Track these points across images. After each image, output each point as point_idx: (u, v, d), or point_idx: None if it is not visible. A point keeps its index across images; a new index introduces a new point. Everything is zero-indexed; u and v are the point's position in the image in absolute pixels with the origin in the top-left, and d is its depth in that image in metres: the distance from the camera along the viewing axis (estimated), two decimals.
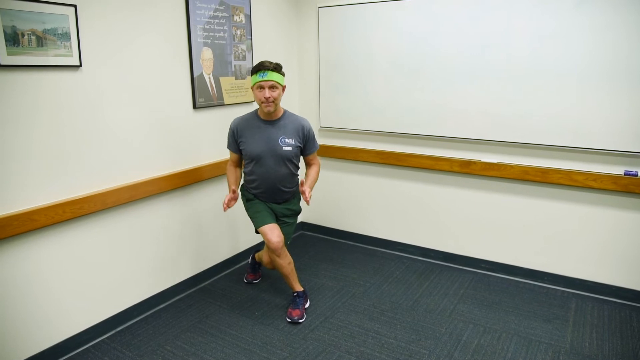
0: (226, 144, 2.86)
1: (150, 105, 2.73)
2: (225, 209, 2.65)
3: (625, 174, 2.81)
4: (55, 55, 2.21)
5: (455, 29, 3.11)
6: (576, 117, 2.84)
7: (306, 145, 2.77)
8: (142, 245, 2.80)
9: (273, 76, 2.54)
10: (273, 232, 2.68)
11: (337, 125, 3.78)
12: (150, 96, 2.72)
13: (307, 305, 2.91)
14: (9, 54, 2.04)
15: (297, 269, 3.46)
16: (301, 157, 2.83)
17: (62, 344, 2.44)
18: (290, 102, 3.88)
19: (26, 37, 2.09)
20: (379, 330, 2.67)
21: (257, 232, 2.78)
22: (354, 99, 3.64)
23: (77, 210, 2.38)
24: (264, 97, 2.56)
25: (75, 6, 2.25)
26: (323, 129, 3.88)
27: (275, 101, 2.59)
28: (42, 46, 2.15)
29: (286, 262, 2.78)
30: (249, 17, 3.32)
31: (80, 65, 2.32)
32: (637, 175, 2.78)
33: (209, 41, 3.02)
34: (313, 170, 2.84)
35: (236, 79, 3.28)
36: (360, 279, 3.31)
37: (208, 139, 3.15)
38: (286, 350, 2.50)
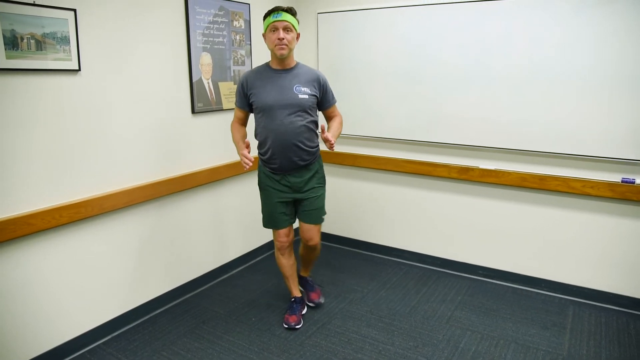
0: (234, 101, 2.69)
1: (149, 109, 2.72)
2: (246, 168, 2.42)
3: (622, 182, 2.81)
4: (54, 59, 2.21)
5: (454, 36, 3.12)
6: (574, 124, 2.85)
7: (324, 97, 2.60)
8: (139, 249, 2.79)
9: (287, 17, 2.39)
10: (281, 233, 2.71)
11: None
12: (149, 101, 2.71)
13: (304, 312, 2.90)
14: (8, 57, 2.03)
15: None
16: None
17: (57, 349, 2.42)
18: None
19: (25, 40, 2.09)
20: (376, 337, 2.66)
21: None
22: (352, 105, 3.64)
23: (74, 215, 2.37)
24: (278, 39, 2.38)
25: (74, 10, 2.25)
26: None
27: (289, 45, 2.41)
28: (41, 50, 2.15)
29: (289, 262, 2.79)
30: (248, 23, 3.33)
31: (79, 70, 2.32)
32: (634, 183, 2.78)
33: (208, 46, 3.03)
34: (335, 121, 2.66)
35: (235, 84, 3.28)
36: (358, 285, 3.30)
37: (206, 144, 3.15)
38: (283, 356, 2.49)
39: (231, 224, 3.48)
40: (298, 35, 2.49)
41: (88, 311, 2.55)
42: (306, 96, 2.49)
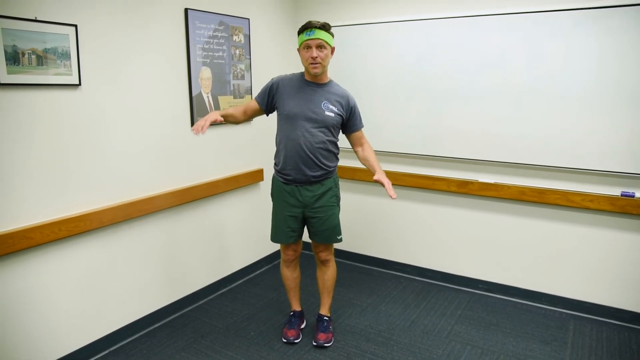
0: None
1: (149, 123, 2.74)
2: (196, 131, 2.32)
3: (622, 195, 2.81)
4: (55, 74, 2.22)
5: (453, 49, 3.15)
6: (573, 137, 2.86)
7: (351, 119, 2.54)
8: (137, 263, 2.78)
9: (321, 34, 2.35)
10: (288, 247, 2.69)
11: None
12: (148, 115, 2.73)
13: (303, 326, 2.88)
14: (9, 72, 2.05)
15: None
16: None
17: None
18: None
19: (26, 56, 2.11)
20: (376, 352, 2.64)
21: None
22: None
23: (73, 229, 2.37)
24: (311, 57, 2.36)
25: (75, 26, 2.28)
26: None
27: (322, 62, 2.39)
28: (42, 65, 2.17)
29: (294, 275, 2.78)
30: (248, 37, 3.36)
31: (80, 84, 2.34)
32: (633, 197, 2.78)
33: (208, 60, 3.05)
34: (370, 153, 2.59)
35: (234, 98, 3.30)
36: (357, 298, 3.29)
37: (206, 158, 3.16)
38: None
39: (230, 238, 3.48)
40: (333, 49, 2.45)
41: (86, 324, 2.54)
42: (332, 114, 2.46)
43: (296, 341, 2.73)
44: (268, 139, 3.70)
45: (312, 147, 2.45)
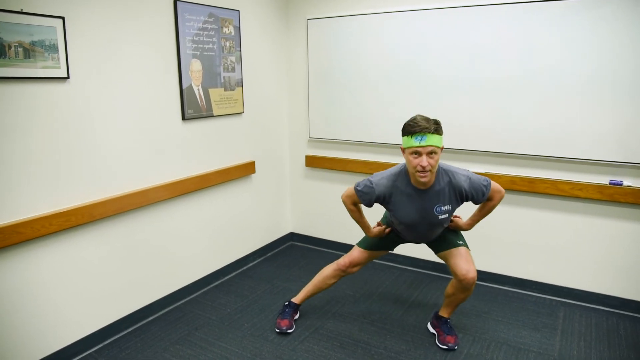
0: (347, 192, 2.56)
1: (139, 116, 2.72)
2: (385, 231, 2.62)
3: (610, 184, 2.85)
4: (43, 67, 2.20)
5: (444, 40, 3.15)
6: (563, 127, 2.88)
7: (475, 199, 2.35)
8: (130, 257, 2.78)
9: (433, 140, 2.10)
10: (361, 253, 2.69)
11: (326, 136, 3.79)
12: (138, 108, 2.71)
13: (296, 317, 2.90)
14: None
15: (287, 280, 3.46)
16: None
17: (47, 358, 2.40)
18: (279, 114, 3.90)
19: (13, 49, 2.08)
20: (369, 341, 2.66)
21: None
22: (343, 110, 3.66)
23: (64, 223, 2.35)
24: (421, 166, 2.13)
25: (63, 18, 2.25)
26: (312, 139, 3.90)
27: (432, 170, 2.17)
28: (30, 58, 2.15)
29: (328, 282, 2.79)
30: (238, 29, 3.34)
31: (68, 77, 2.32)
32: (621, 185, 2.82)
33: (198, 53, 3.03)
34: (486, 206, 2.45)
35: (225, 90, 3.28)
36: (350, 289, 3.31)
37: (197, 150, 3.15)
38: None
39: (222, 231, 3.48)
40: (442, 149, 2.21)
41: (79, 319, 2.54)
42: (446, 215, 2.36)
43: (289, 331, 2.75)
44: (259, 131, 3.70)
45: (430, 236, 2.54)
